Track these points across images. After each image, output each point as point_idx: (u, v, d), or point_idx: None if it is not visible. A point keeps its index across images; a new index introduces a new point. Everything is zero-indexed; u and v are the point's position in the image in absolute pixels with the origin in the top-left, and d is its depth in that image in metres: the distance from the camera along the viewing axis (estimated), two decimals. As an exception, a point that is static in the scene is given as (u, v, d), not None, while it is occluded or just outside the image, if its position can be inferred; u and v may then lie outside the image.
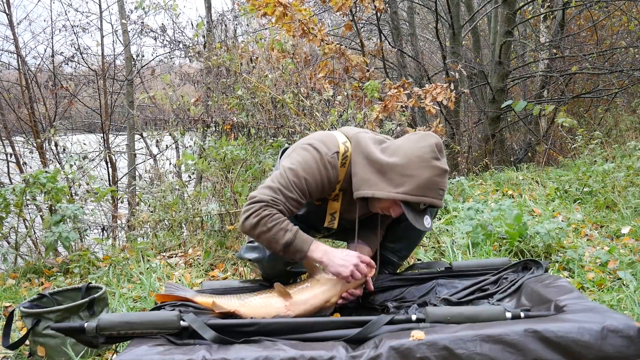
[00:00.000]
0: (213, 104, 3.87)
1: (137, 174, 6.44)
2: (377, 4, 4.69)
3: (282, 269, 2.01)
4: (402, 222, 2.11)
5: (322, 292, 1.85)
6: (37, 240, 3.88)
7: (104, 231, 3.64)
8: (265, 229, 1.79)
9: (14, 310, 1.96)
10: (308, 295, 1.83)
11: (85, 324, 1.52)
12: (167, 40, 4.43)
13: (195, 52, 3.96)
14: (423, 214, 1.81)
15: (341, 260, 1.82)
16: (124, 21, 7.28)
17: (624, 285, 2.27)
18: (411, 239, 2.22)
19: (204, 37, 4.49)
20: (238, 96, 3.59)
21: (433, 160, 1.75)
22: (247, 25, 6.74)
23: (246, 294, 1.86)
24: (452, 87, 4.08)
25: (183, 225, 3.70)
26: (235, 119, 3.60)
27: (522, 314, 1.48)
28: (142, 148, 7.63)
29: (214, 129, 3.66)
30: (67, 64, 7.27)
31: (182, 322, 1.53)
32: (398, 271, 2.27)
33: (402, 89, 3.94)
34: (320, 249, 1.83)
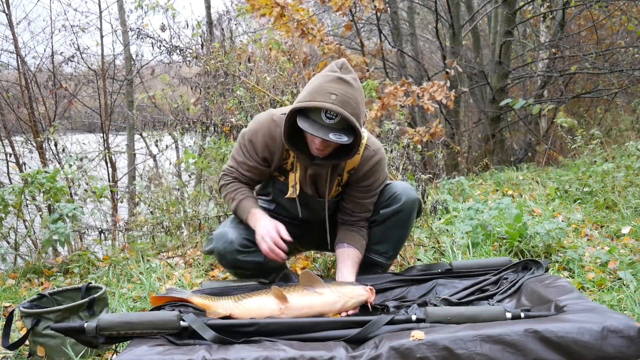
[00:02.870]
0: (211, 103, 3.86)
1: (137, 173, 6.43)
2: (376, 4, 4.69)
3: (234, 258, 2.01)
4: (382, 222, 2.14)
5: (320, 305, 1.79)
6: (37, 240, 3.88)
7: (102, 234, 3.61)
8: (223, 196, 2.11)
9: (13, 310, 1.96)
10: (305, 303, 1.79)
11: (85, 324, 1.52)
12: (164, 47, 4.43)
13: (193, 56, 3.94)
14: (328, 128, 1.77)
15: (262, 232, 1.91)
16: (123, 23, 7.27)
17: (624, 285, 2.27)
18: (395, 239, 2.20)
19: (201, 36, 4.48)
20: (237, 96, 3.59)
21: (328, 72, 1.82)
22: (247, 25, 6.74)
23: (241, 294, 1.85)
24: (448, 84, 4.09)
25: (183, 225, 3.70)
26: (234, 120, 3.59)
27: (522, 314, 1.48)
28: (142, 148, 7.63)
29: (213, 130, 3.65)
30: (67, 64, 7.26)
31: (182, 322, 1.53)
32: (398, 271, 2.27)
33: (398, 87, 3.93)
34: (253, 218, 1.98)
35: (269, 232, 1.90)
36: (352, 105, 1.77)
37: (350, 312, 1.82)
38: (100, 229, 3.53)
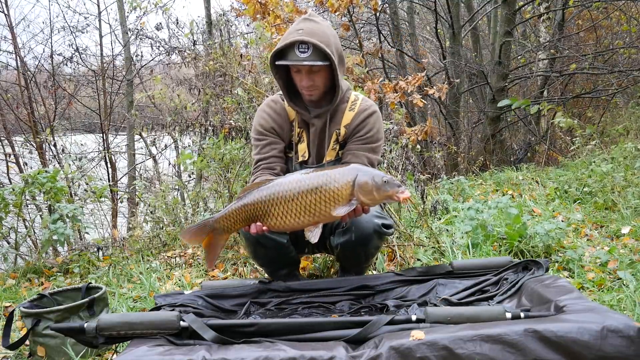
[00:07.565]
0: (205, 103, 3.84)
1: (137, 173, 6.44)
2: (372, 4, 4.66)
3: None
4: (337, 248, 2.16)
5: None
6: (37, 240, 3.88)
7: (100, 250, 3.60)
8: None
9: (14, 310, 1.96)
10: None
11: (85, 324, 1.52)
12: (162, 47, 4.45)
13: (191, 57, 3.94)
14: (303, 60, 1.93)
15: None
16: (122, 23, 7.26)
17: (624, 285, 2.27)
18: (351, 266, 2.24)
19: (202, 33, 4.46)
20: (235, 96, 3.57)
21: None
22: (248, 25, 6.73)
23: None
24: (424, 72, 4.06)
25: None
26: (232, 122, 3.58)
27: (522, 314, 1.48)
28: (141, 148, 7.62)
29: (212, 132, 3.64)
30: (66, 64, 7.26)
31: (182, 323, 1.53)
32: (398, 271, 2.28)
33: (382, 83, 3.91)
34: None
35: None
36: (319, 35, 1.92)
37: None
38: (98, 247, 3.52)
